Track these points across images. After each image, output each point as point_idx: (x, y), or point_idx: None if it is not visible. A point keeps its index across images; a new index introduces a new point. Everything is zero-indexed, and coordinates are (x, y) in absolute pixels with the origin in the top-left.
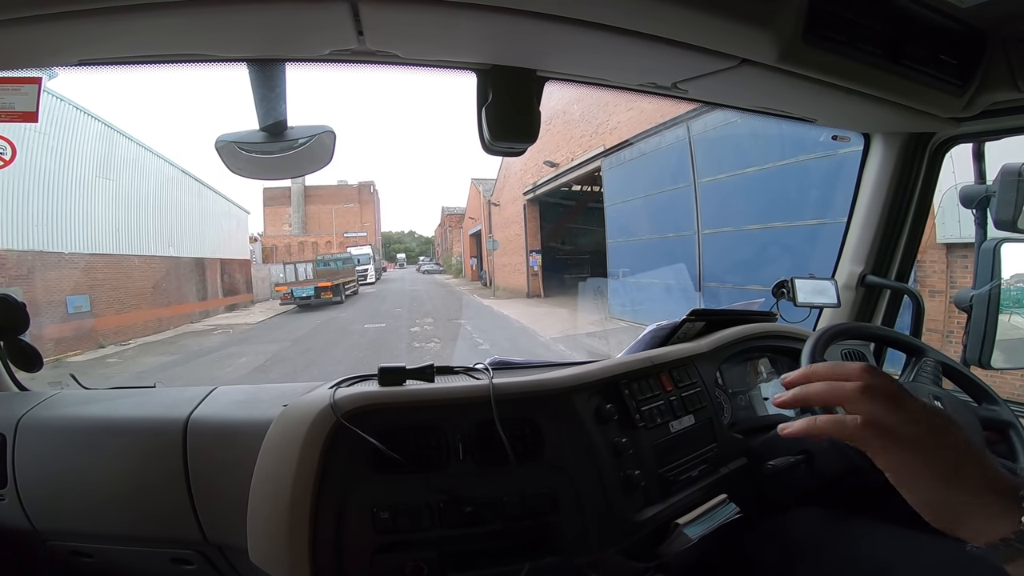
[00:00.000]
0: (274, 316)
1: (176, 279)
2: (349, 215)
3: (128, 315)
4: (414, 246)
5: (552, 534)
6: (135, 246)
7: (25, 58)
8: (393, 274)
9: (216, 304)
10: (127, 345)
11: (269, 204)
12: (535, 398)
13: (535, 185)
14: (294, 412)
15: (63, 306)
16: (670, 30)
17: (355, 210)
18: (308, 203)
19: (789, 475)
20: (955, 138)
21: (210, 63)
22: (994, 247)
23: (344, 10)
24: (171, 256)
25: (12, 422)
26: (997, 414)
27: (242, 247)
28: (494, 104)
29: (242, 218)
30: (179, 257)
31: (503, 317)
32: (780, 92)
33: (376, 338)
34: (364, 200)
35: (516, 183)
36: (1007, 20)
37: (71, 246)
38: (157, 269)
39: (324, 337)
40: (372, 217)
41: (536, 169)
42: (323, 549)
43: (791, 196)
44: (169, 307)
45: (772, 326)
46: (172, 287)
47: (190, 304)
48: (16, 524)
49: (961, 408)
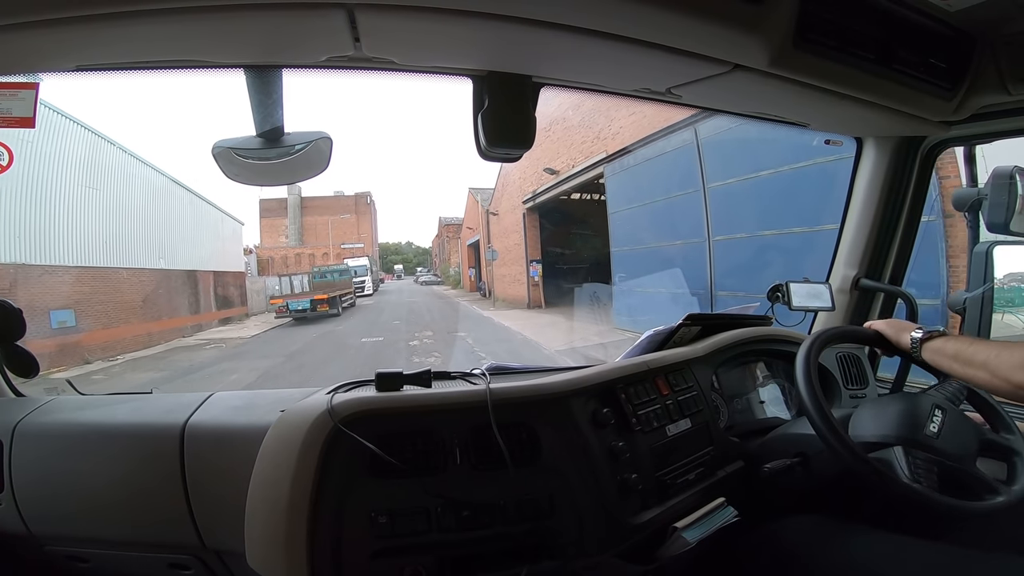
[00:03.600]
0: (269, 330)
1: (167, 292)
2: (346, 226)
3: (116, 330)
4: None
5: (549, 538)
6: (124, 258)
7: (23, 63)
8: (390, 285)
9: (209, 318)
10: (115, 360)
11: (265, 216)
12: (532, 403)
13: (535, 193)
14: (291, 417)
15: (46, 321)
16: (663, 36)
17: (352, 221)
18: (305, 214)
19: (786, 478)
20: (946, 141)
21: (207, 69)
22: (987, 250)
23: (341, 17)
24: (162, 269)
25: (9, 427)
26: (1008, 442)
27: (236, 259)
28: (490, 110)
29: (236, 229)
30: (170, 270)
31: (505, 329)
32: (773, 97)
33: (374, 352)
34: (361, 211)
35: (515, 192)
36: (995, 23)
37: (55, 258)
38: (147, 282)
39: (319, 352)
40: (369, 228)
41: (536, 177)
42: (321, 553)
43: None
44: (160, 321)
45: (767, 330)
46: (163, 300)
47: (182, 318)
48: (13, 529)
49: (961, 427)
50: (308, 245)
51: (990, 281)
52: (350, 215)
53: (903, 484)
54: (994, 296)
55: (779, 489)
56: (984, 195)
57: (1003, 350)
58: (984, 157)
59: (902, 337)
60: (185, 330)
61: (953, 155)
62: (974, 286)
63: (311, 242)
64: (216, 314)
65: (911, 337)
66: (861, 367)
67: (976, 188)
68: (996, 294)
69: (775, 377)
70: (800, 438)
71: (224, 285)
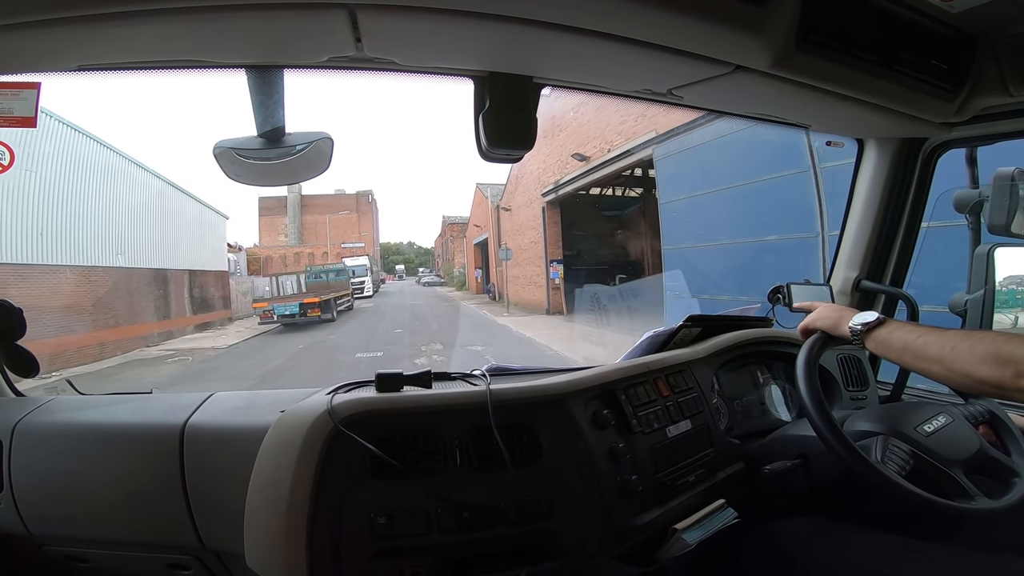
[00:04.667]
0: (251, 338)
1: (127, 294)
2: (347, 225)
3: (52, 341)
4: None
5: (549, 539)
6: (68, 254)
7: (24, 63)
8: (392, 286)
9: (183, 323)
10: (46, 379)
11: (264, 214)
12: (532, 404)
13: (557, 184)
14: (291, 418)
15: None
16: (665, 37)
17: (352, 219)
18: (305, 213)
19: (786, 479)
20: (947, 143)
21: (209, 69)
22: (988, 252)
23: (342, 17)
24: (120, 267)
25: (8, 427)
26: (1012, 464)
27: (219, 256)
28: (491, 111)
29: (218, 224)
30: (132, 268)
31: (528, 342)
32: (774, 98)
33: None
34: (362, 210)
35: (533, 183)
36: (997, 25)
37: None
38: (99, 282)
39: (302, 371)
40: (370, 227)
41: (559, 166)
42: (320, 554)
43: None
44: (116, 328)
45: (768, 331)
46: (122, 304)
47: (146, 324)
48: (12, 529)
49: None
50: (308, 244)
51: (991, 283)
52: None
53: (904, 487)
54: (995, 298)
55: (780, 490)
56: (985, 197)
57: (960, 341)
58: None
59: (841, 327)
60: (151, 338)
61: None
62: (975, 288)
63: (311, 241)
64: (191, 319)
65: (850, 328)
66: (862, 368)
67: (977, 190)
68: (997, 297)
69: (776, 379)
70: (801, 440)
71: (203, 286)
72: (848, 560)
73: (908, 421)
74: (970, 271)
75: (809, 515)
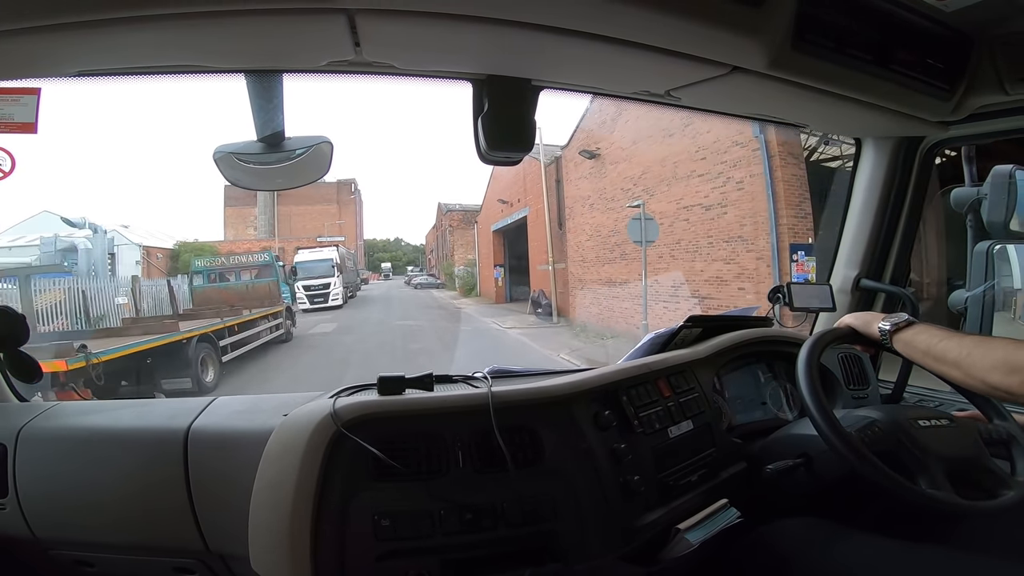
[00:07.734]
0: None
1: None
2: (327, 217)
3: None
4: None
5: (552, 540)
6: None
7: (25, 68)
8: (375, 287)
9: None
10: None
11: (231, 204)
12: (534, 406)
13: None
14: (294, 421)
15: None
16: (662, 39)
17: (333, 211)
18: (280, 204)
19: (788, 479)
20: (945, 142)
21: (208, 74)
22: (987, 249)
23: (341, 22)
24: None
25: (12, 433)
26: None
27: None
28: (490, 114)
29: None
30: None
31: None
32: (772, 98)
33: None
34: (344, 200)
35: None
36: (992, 23)
37: None
38: None
39: None
40: (353, 219)
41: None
42: (325, 557)
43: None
44: None
45: (768, 331)
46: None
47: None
48: (18, 533)
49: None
50: (282, 237)
51: (991, 280)
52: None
53: (907, 486)
54: (995, 295)
55: (782, 490)
56: (984, 195)
57: (975, 347)
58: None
59: (871, 328)
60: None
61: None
62: (975, 285)
63: (285, 234)
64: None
65: (879, 328)
66: (863, 367)
67: (976, 188)
68: (996, 293)
69: (777, 378)
70: (803, 439)
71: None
72: (850, 561)
73: (908, 414)
74: (969, 269)
75: (812, 515)
